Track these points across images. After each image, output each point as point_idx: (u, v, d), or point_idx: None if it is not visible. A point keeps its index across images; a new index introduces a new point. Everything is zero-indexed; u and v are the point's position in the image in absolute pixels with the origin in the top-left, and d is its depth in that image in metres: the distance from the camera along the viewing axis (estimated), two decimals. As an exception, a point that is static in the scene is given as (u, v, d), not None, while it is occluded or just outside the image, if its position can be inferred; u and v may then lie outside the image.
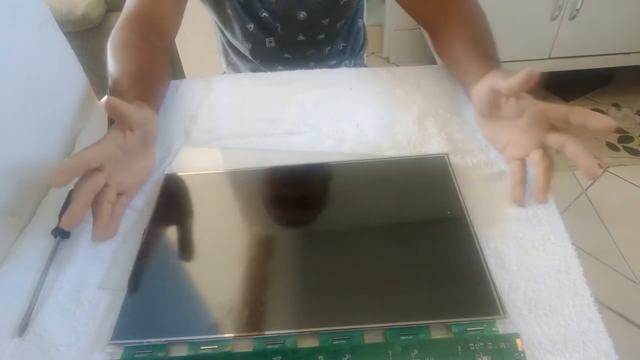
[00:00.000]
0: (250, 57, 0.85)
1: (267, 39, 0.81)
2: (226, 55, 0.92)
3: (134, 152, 0.50)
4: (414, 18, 0.71)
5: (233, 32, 0.82)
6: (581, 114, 0.43)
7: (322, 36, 0.81)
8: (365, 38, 0.95)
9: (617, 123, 0.41)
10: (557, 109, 0.44)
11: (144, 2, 0.65)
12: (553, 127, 0.46)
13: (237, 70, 0.92)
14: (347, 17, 0.82)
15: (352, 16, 0.84)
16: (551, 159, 0.45)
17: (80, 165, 0.43)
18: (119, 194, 0.48)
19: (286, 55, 0.83)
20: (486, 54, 0.56)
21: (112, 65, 0.59)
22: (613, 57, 1.66)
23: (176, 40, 0.75)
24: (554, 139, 0.45)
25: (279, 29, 0.79)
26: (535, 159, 0.46)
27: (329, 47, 0.85)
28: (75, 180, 0.45)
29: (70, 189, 0.52)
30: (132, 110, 0.48)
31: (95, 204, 0.45)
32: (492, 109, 0.51)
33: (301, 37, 0.80)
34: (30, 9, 0.56)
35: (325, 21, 0.79)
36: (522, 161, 0.48)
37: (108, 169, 0.46)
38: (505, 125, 0.50)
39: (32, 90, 0.54)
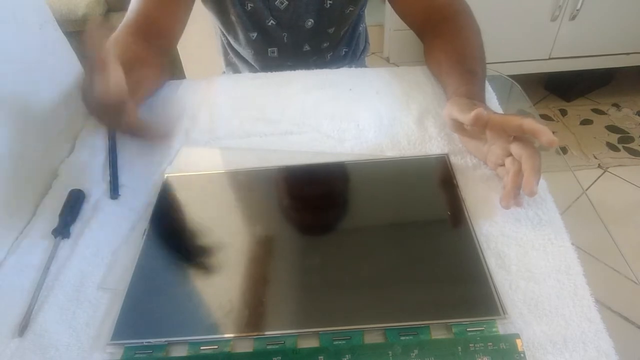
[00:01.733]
0: (251, 62, 0.85)
1: (269, 49, 0.80)
2: (225, 55, 0.92)
3: None
4: (406, 23, 0.72)
5: (236, 38, 0.81)
6: (530, 127, 0.43)
7: (326, 44, 0.81)
8: (367, 42, 0.95)
9: (557, 140, 0.42)
10: (511, 121, 0.45)
11: (147, 7, 0.64)
12: (516, 137, 0.46)
13: (236, 70, 0.92)
14: (350, 24, 0.82)
15: (354, 22, 0.84)
16: (518, 165, 0.45)
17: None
18: None
19: (288, 63, 0.83)
20: (470, 70, 0.57)
21: None
22: (613, 57, 1.66)
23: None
24: (514, 150, 0.46)
25: (285, 38, 0.78)
26: (506, 166, 0.47)
27: (331, 54, 0.85)
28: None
29: (71, 188, 0.52)
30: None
31: None
32: (458, 130, 0.53)
33: (307, 48, 0.80)
34: (30, 9, 0.56)
35: (331, 30, 0.78)
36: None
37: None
38: (479, 139, 0.51)
39: (32, 90, 0.54)
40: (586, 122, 1.75)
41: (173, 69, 1.52)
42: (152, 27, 0.64)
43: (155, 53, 0.63)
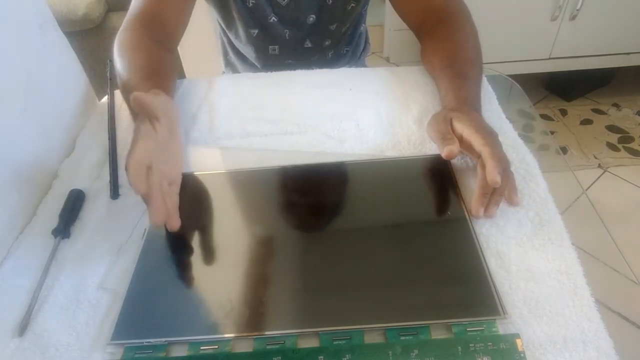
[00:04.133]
0: (252, 60, 0.85)
1: (270, 47, 0.80)
2: (225, 54, 0.92)
3: (165, 141, 0.48)
4: (405, 23, 0.72)
5: (237, 35, 0.81)
6: (485, 159, 0.45)
7: (328, 42, 0.81)
8: (367, 42, 0.95)
9: (499, 181, 0.44)
10: (476, 142, 0.47)
11: (150, 4, 0.64)
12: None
13: (235, 70, 0.92)
14: (351, 22, 0.82)
15: (356, 21, 0.84)
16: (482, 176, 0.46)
17: (142, 169, 0.43)
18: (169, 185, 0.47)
19: (289, 61, 0.83)
20: (460, 74, 0.57)
21: (121, 64, 0.59)
22: (613, 57, 1.66)
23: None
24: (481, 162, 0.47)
25: (286, 35, 0.78)
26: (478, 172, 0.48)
27: (332, 52, 0.85)
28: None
29: (71, 188, 0.52)
30: (155, 100, 0.48)
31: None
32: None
33: (308, 44, 0.80)
34: (30, 9, 0.56)
35: (333, 27, 0.78)
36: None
37: (154, 164, 0.45)
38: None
39: (32, 90, 0.54)
40: (586, 122, 1.75)
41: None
42: (156, 25, 0.64)
43: (166, 51, 0.63)
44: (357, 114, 0.61)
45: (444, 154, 0.48)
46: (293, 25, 0.76)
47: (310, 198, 0.52)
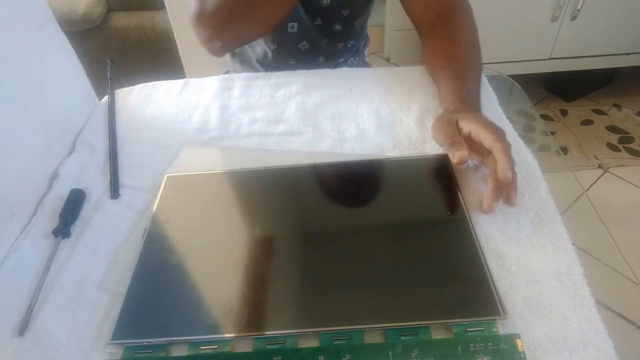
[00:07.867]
0: (268, 41, 0.84)
1: (289, 24, 0.80)
2: (232, 55, 0.92)
3: None
4: (411, 20, 0.72)
5: None
6: (496, 155, 0.45)
7: (338, 27, 0.81)
8: (367, 37, 0.95)
9: (510, 177, 0.44)
10: (486, 138, 0.47)
11: None
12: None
13: (237, 71, 0.92)
14: (364, 16, 0.82)
15: (365, 16, 0.84)
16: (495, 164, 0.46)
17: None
18: None
19: (304, 42, 0.82)
20: (459, 75, 0.58)
21: None
22: (614, 57, 1.66)
23: (176, 40, 0.74)
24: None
25: (302, 13, 0.77)
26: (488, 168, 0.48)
27: (342, 44, 0.85)
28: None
29: (71, 188, 0.52)
30: None
31: None
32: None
33: (319, 22, 0.80)
34: (30, 9, 0.56)
35: (345, 12, 0.78)
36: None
37: None
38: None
39: (32, 90, 0.54)
40: (587, 122, 1.74)
41: (173, 69, 1.51)
42: None
43: None
44: (357, 114, 0.61)
45: (454, 161, 0.47)
46: (308, 4, 0.76)
47: (310, 198, 0.52)
